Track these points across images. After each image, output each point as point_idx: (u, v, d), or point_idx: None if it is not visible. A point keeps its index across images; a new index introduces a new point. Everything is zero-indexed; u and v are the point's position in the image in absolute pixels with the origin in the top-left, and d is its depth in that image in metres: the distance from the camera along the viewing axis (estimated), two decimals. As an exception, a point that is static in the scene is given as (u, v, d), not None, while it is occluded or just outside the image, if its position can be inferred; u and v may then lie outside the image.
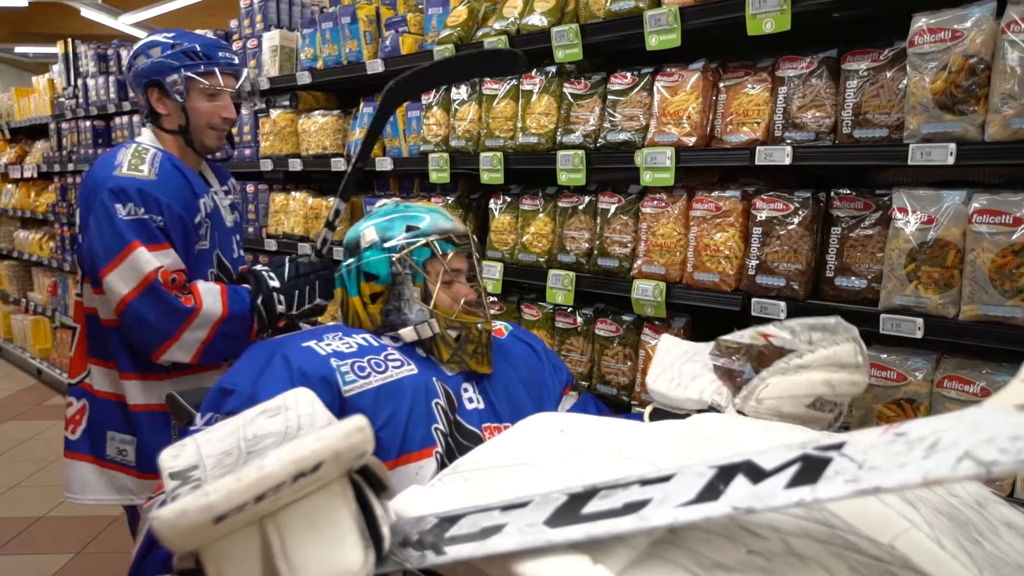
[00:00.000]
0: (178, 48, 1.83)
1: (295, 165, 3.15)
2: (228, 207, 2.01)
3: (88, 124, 4.83)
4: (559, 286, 2.21)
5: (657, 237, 2.03)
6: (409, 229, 1.39)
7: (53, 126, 5.34)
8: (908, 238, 1.59)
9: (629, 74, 2.09)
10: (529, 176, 2.47)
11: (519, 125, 2.31)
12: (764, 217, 1.84)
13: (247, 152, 3.47)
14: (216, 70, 1.84)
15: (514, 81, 2.34)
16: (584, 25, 2.09)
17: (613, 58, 2.32)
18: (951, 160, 1.51)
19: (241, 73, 1.92)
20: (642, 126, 2.04)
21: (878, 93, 1.67)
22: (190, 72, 1.81)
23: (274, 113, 3.26)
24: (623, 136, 2.06)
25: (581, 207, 2.23)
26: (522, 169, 2.34)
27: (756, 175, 2.01)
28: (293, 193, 3.25)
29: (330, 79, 3.00)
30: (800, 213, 1.79)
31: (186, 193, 1.80)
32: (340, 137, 3.07)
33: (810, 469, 0.59)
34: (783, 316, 1.79)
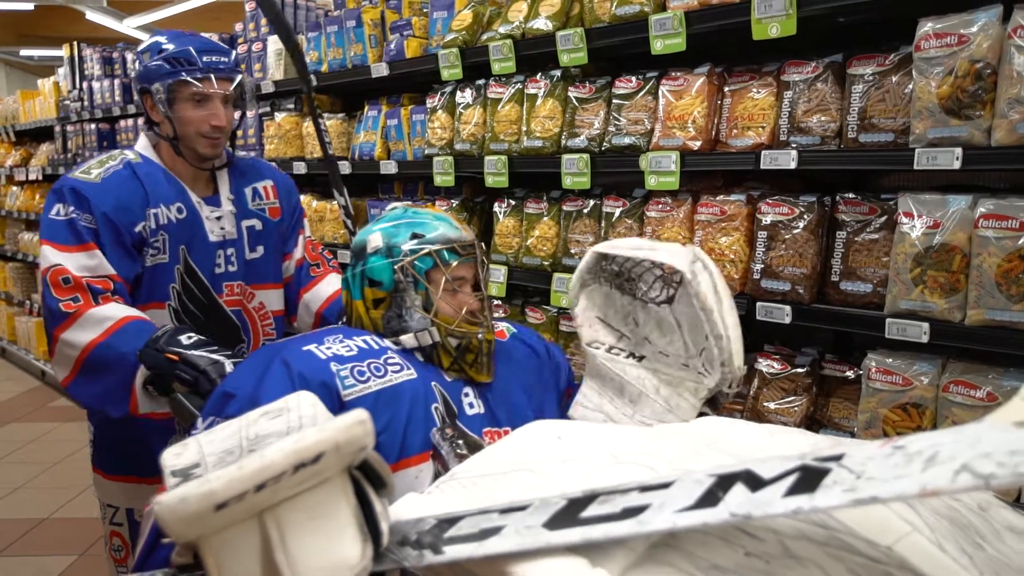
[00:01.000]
0: (163, 54, 1.73)
1: (300, 168, 3.16)
2: (218, 219, 1.85)
3: (93, 127, 4.84)
4: (563, 290, 2.21)
5: (662, 240, 2.03)
6: (415, 237, 1.39)
7: (58, 129, 5.36)
8: (914, 242, 1.59)
9: (634, 78, 2.09)
10: (533, 179, 2.47)
11: (524, 129, 2.32)
12: (769, 221, 1.84)
13: (251, 155, 3.48)
14: (200, 76, 1.73)
15: (519, 85, 2.35)
16: (589, 29, 2.09)
17: (618, 62, 2.32)
18: (957, 165, 1.51)
19: (235, 77, 1.79)
20: (647, 130, 2.04)
21: (884, 97, 1.67)
22: (172, 80, 1.72)
23: (279, 116, 3.27)
24: (628, 140, 2.06)
25: (585, 211, 2.23)
26: (526, 172, 2.35)
27: (761, 179, 2.01)
28: (297, 196, 3.26)
29: (335, 82, 3.01)
30: (805, 217, 1.79)
31: (129, 202, 1.72)
32: (345, 140, 3.07)
33: (809, 479, 0.60)
34: (788, 320, 1.79)
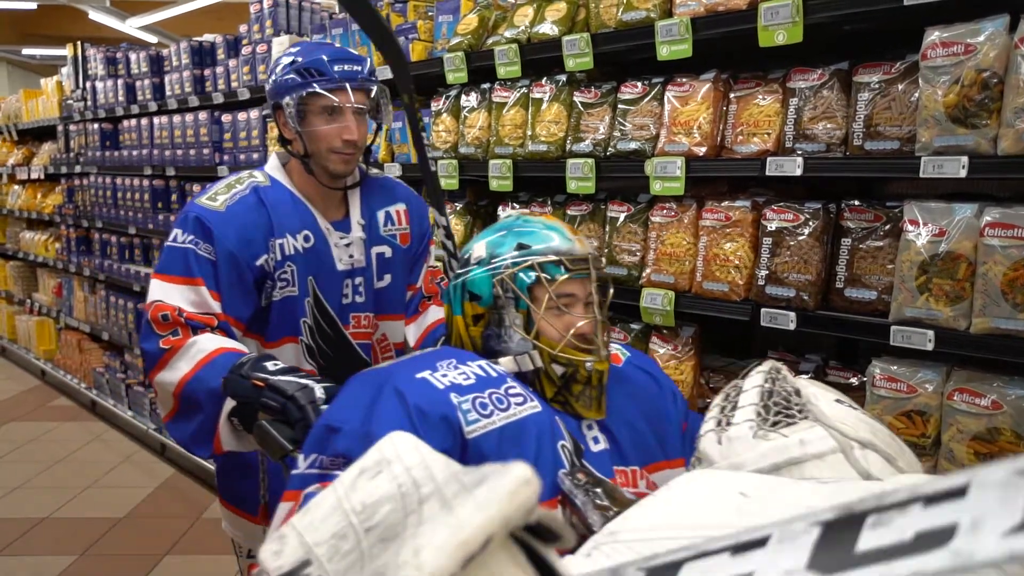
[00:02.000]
0: (294, 65, 1.61)
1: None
2: (347, 246, 1.71)
3: (96, 126, 4.85)
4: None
5: (666, 246, 2.03)
6: (520, 247, 1.23)
7: (61, 128, 5.36)
8: (919, 250, 1.60)
9: (640, 83, 2.09)
10: (538, 184, 2.48)
11: (529, 133, 2.32)
12: (774, 227, 1.84)
13: (255, 156, 3.48)
14: (332, 87, 1.59)
15: (524, 89, 2.35)
16: (595, 34, 2.10)
17: (624, 67, 2.33)
18: (963, 173, 1.51)
19: (369, 87, 1.65)
20: (652, 135, 2.05)
21: (890, 105, 1.67)
22: (302, 91, 1.59)
23: (283, 118, 3.27)
24: (633, 145, 2.06)
25: (590, 215, 2.24)
26: (531, 177, 2.35)
27: (765, 186, 2.01)
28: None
29: (339, 85, 3.01)
30: (810, 224, 1.80)
31: (253, 233, 1.60)
32: (348, 143, 3.07)
33: None
34: (792, 326, 1.80)
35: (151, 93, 4.30)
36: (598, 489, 1.03)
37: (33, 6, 8.81)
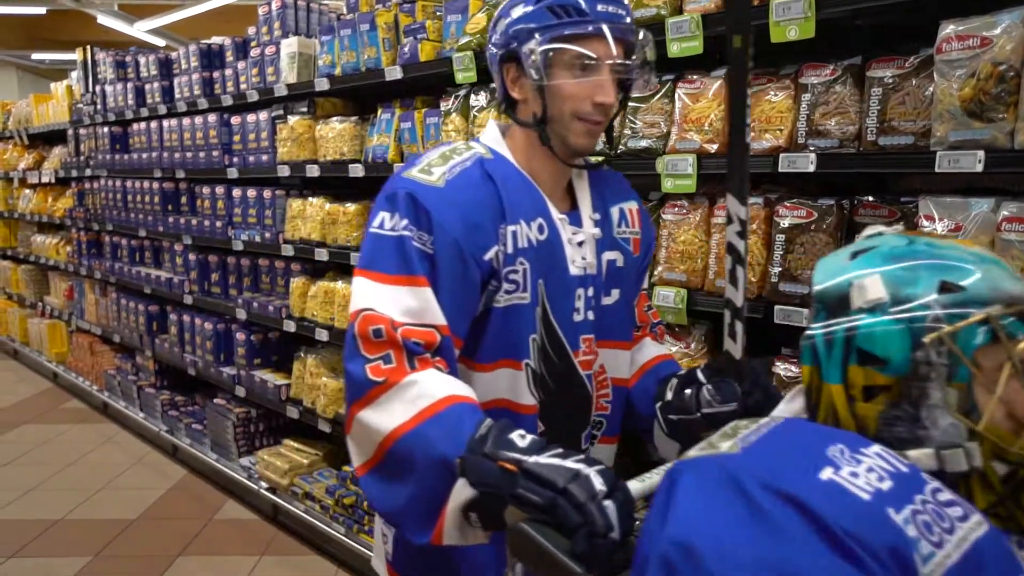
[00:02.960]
0: (542, 1, 1.21)
1: (312, 171, 3.16)
2: (580, 244, 1.32)
3: (106, 130, 4.87)
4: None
5: (678, 244, 2.02)
6: (945, 289, 0.84)
7: (71, 132, 5.39)
8: (935, 246, 1.58)
9: (650, 81, 2.08)
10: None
11: (539, 132, 2.31)
12: (787, 224, 1.83)
13: (264, 158, 3.49)
14: (592, 31, 1.20)
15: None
16: (605, 32, 2.09)
17: (633, 65, 2.32)
18: (980, 168, 1.50)
19: (633, 39, 1.24)
20: (663, 133, 2.04)
21: (903, 100, 1.66)
22: (554, 34, 1.20)
23: (292, 119, 3.28)
24: (644, 143, 2.06)
25: (601, 214, 2.23)
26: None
27: (778, 182, 2.00)
28: (310, 199, 3.26)
29: (348, 86, 3.01)
30: (824, 220, 1.79)
31: (482, 217, 1.22)
32: (358, 143, 3.08)
33: None
34: (806, 323, 1.78)
35: (160, 96, 4.31)
36: None
37: (42, 11, 8.86)
